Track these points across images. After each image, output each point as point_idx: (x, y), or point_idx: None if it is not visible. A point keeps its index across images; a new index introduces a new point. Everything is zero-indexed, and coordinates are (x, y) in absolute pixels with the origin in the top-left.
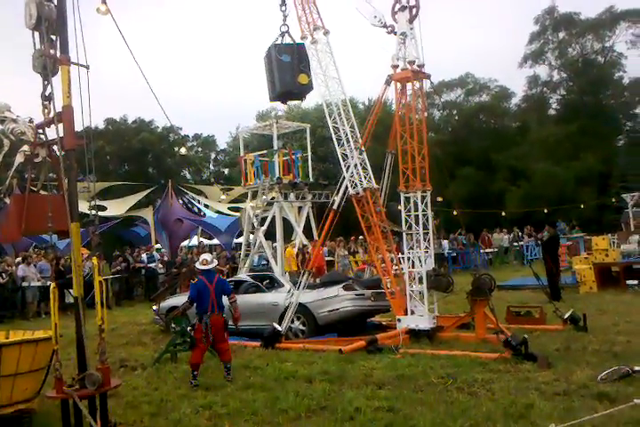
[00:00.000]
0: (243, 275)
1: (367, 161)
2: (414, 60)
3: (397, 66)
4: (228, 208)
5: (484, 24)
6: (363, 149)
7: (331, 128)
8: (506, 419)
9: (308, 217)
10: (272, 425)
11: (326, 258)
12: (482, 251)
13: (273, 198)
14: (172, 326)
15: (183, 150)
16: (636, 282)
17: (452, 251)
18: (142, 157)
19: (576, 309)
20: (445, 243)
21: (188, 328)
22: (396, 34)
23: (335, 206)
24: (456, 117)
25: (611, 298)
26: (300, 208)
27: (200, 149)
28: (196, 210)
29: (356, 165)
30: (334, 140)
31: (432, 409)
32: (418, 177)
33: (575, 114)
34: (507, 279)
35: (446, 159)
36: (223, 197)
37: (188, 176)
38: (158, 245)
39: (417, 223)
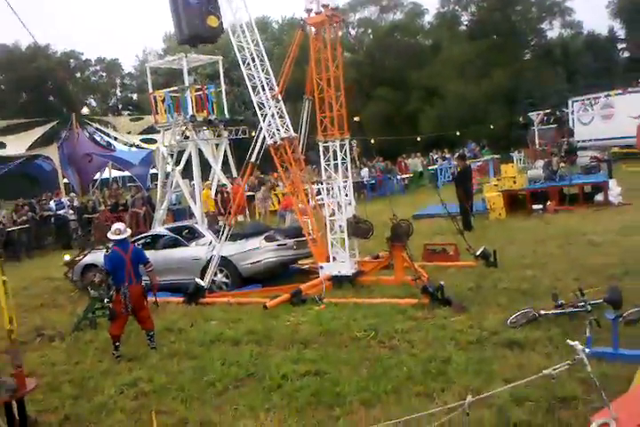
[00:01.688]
0: (160, 228)
1: (284, 109)
2: (328, 4)
3: (311, 9)
4: (141, 140)
5: None
6: (279, 97)
7: (245, 76)
8: (425, 377)
9: (225, 154)
10: (200, 402)
11: (247, 193)
12: (398, 177)
13: (187, 137)
14: (91, 291)
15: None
16: (540, 206)
17: (371, 178)
18: (41, 85)
19: (486, 238)
20: (364, 171)
21: (105, 300)
22: None
23: (253, 159)
24: (370, 36)
25: (518, 224)
26: (216, 145)
27: (104, 74)
28: (105, 144)
29: (273, 115)
30: (249, 88)
31: (356, 371)
32: (336, 125)
33: (485, 31)
34: (423, 204)
35: (361, 80)
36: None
37: (94, 104)
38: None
39: (336, 172)
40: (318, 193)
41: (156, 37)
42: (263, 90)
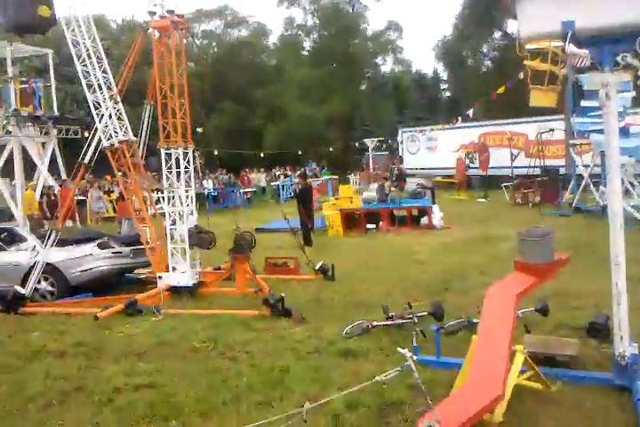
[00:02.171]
0: None
1: (123, 111)
2: (173, 10)
3: (154, 13)
4: None
5: None
6: (118, 98)
7: (80, 73)
8: (265, 387)
9: (53, 154)
10: (19, 418)
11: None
12: (242, 190)
13: (9, 132)
14: None
15: None
16: (374, 226)
17: (214, 190)
18: None
19: (325, 254)
20: (207, 182)
21: None
22: None
23: (87, 160)
24: (215, 48)
25: (353, 241)
26: (43, 144)
27: None
28: None
29: (110, 116)
30: (84, 85)
31: (194, 382)
32: (179, 133)
33: (326, 58)
34: (266, 219)
35: (205, 92)
36: None
37: None
38: None
39: (178, 180)
40: (158, 201)
41: None
42: (100, 89)
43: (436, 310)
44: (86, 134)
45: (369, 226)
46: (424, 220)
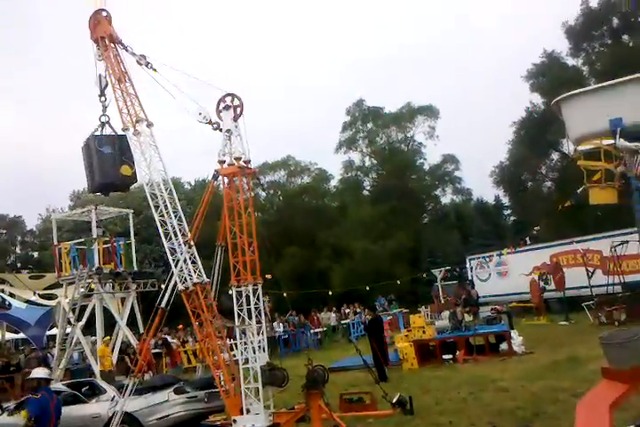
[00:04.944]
0: (58, 384)
1: (197, 254)
2: (240, 157)
3: (224, 161)
4: (40, 295)
5: (305, 111)
6: (192, 242)
7: (157, 221)
8: None
9: (132, 308)
10: None
11: (154, 351)
12: (312, 331)
13: (92, 290)
14: None
15: None
16: (450, 356)
17: (284, 333)
18: None
19: (401, 388)
20: (278, 325)
21: None
22: (221, 131)
23: (163, 305)
24: (280, 197)
25: (430, 374)
26: (123, 299)
27: (5, 231)
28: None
29: (185, 260)
30: (161, 234)
31: None
32: (249, 270)
33: (386, 195)
34: (338, 359)
35: (273, 239)
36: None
37: None
38: None
39: (249, 317)
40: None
41: (62, 197)
42: (175, 236)
43: None
44: (162, 286)
45: (445, 356)
46: (503, 345)
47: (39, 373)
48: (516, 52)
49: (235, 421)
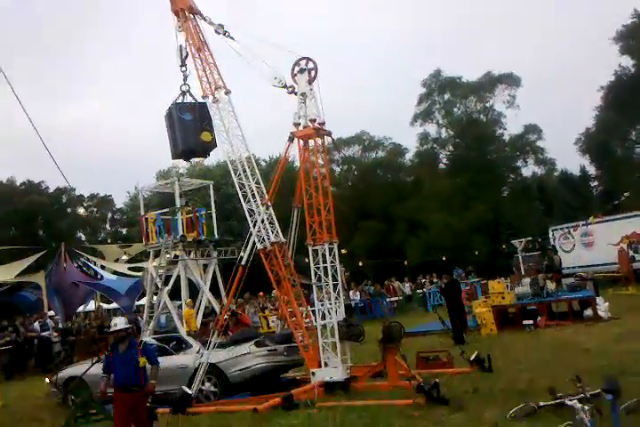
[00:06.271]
0: (147, 338)
1: (274, 216)
2: (315, 119)
3: (299, 124)
4: (129, 268)
5: (377, 85)
6: (269, 204)
7: (236, 184)
8: None
9: (214, 275)
10: None
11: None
12: (387, 299)
13: (177, 257)
14: (72, 397)
15: (81, 210)
16: (531, 322)
17: (360, 302)
18: (31, 220)
19: (480, 350)
20: (354, 294)
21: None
22: (296, 94)
23: (243, 262)
24: (355, 172)
25: (510, 338)
26: (205, 266)
27: (96, 209)
28: (92, 273)
29: (262, 221)
30: (240, 196)
31: None
32: (324, 230)
33: (463, 168)
34: (413, 326)
35: (349, 212)
36: (124, 257)
37: (83, 238)
38: (51, 312)
39: (326, 275)
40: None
41: (149, 175)
42: (253, 197)
43: (612, 385)
44: (242, 254)
45: (525, 322)
46: (587, 311)
47: (122, 322)
48: (605, 13)
49: (313, 373)
